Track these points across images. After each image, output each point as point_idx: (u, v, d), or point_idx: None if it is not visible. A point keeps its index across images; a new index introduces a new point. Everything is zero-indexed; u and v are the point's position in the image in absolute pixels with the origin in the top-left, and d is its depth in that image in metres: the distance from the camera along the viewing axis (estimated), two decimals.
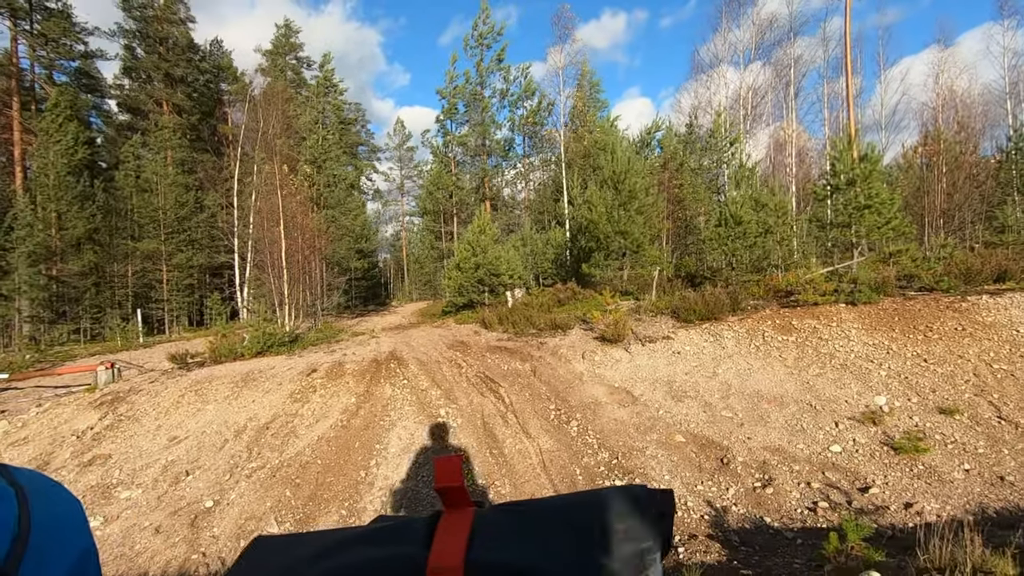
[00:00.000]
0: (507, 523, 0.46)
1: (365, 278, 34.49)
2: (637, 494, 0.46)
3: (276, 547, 0.48)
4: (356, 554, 0.45)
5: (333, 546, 0.46)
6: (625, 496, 0.46)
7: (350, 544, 0.46)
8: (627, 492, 0.47)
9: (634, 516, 0.44)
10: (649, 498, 0.46)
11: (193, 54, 32.51)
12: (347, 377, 7.98)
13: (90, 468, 6.39)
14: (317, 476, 5.84)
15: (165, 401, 7.71)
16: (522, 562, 0.42)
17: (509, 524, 0.45)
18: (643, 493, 0.47)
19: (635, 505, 0.45)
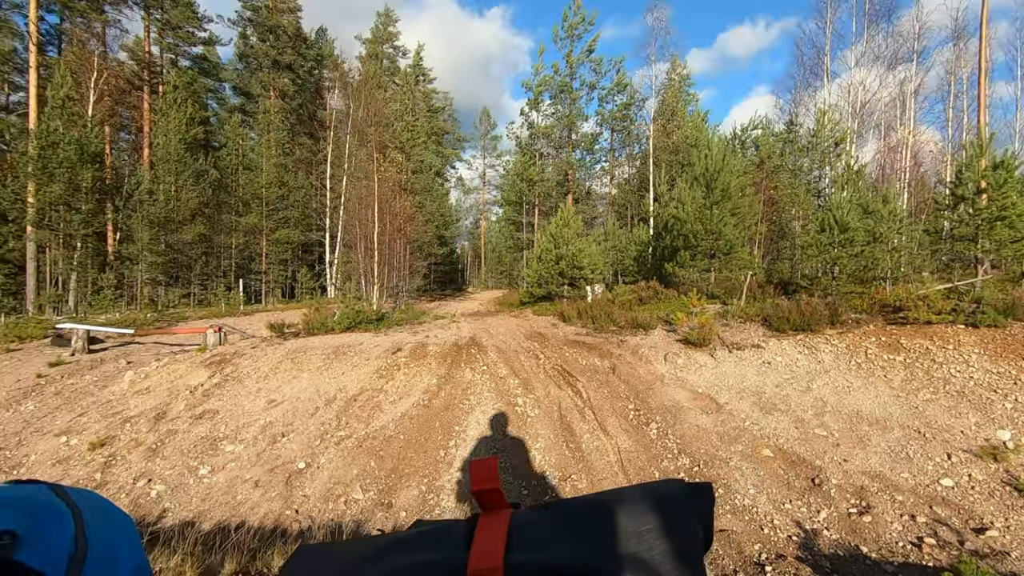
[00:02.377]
0: (545, 522, 0.45)
1: (444, 264, 35.43)
2: (676, 489, 0.45)
3: (320, 555, 0.49)
4: (398, 560, 0.45)
5: (375, 553, 0.46)
6: (665, 491, 0.45)
7: (392, 550, 0.46)
8: (666, 487, 0.46)
9: (675, 510, 0.43)
10: (689, 492, 0.45)
11: (300, 42, 34.42)
12: (429, 359, 8.24)
13: (200, 421, 7.02)
14: (399, 451, 6.09)
15: (264, 366, 8.31)
16: (562, 561, 0.41)
17: (547, 523, 0.45)
18: (682, 487, 0.45)
19: (675, 499, 0.44)
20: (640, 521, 0.43)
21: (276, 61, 32.96)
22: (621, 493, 0.47)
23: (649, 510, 0.44)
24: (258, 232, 26.66)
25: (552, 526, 0.45)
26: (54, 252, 22.98)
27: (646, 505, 0.44)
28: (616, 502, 0.45)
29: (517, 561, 0.42)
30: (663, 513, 0.43)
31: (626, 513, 0.44)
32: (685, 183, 13.07)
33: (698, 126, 21.65)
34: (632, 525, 0.43)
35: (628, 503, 0.45)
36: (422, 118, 35.47)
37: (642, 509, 0.44)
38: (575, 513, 0.45)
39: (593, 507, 0.46)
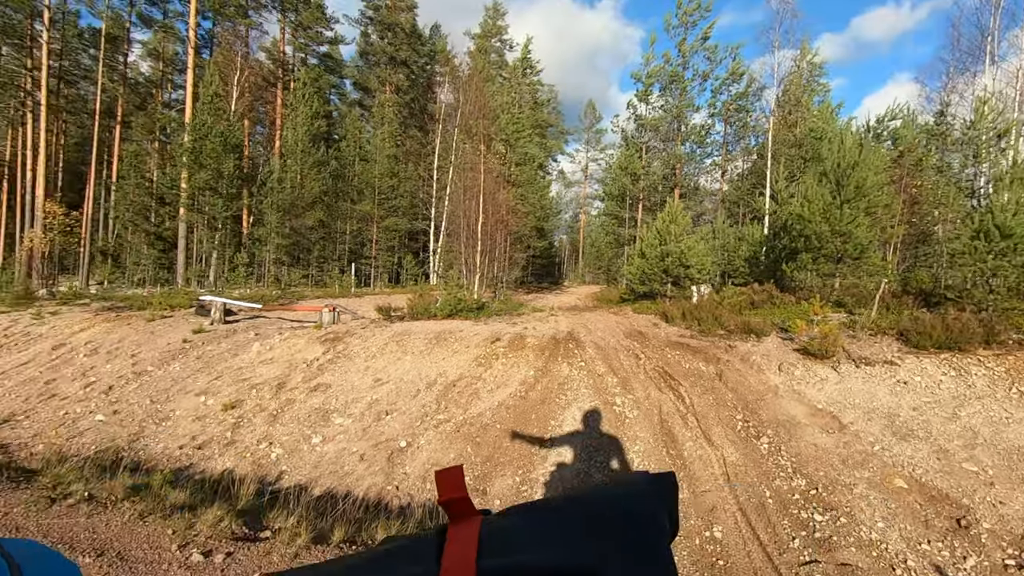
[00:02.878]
0: (516, 526, 0.45)
1: (542, 256, 35.56)
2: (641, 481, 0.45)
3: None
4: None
5: (341, 574, 0.44)
6: (630, 484, 0.45)
7: (360, 571, 0.44)
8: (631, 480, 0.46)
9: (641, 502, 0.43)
10: (654, 483, 0.45)
11: (415, 39, 35.91)
12: (527, 350, 8.25)
13: (315, 393, 7.55)
14: (495, 439, 6.14)
15: (372, 346, 8.77)
16: (535, 563, 0.41)
17: (518, 527, 0.44)
18: (647, 479, 0.45)
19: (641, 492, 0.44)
20: (608, 515, 0.43)
21: (392, 57, 34.67)
22: (588, 490, 0.47)
23: (617, 504, 0.44)
24: (370, 219, 28.30)
25: (522, 529, 0.44)
26: (200, 232, 25.99)
27: (613, 499, 0.44)
28: (584, 499, 0.45)
29: (489, 567, 0.41)
30: (630, 506, 0.44)
31: (594, 508, 0.44)
32: (812, 179, 11.93)
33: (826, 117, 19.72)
34: (601, 520, 0.43)
35: (596, 499, 0.45)
36: (527, 111, 35.68)
37: (610, 503, 0.44)
38: (544, 514, 0.45)
39: (561, 506, 0.45)
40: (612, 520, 0.44)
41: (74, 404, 8.31)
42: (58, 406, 8.33)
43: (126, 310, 13.42)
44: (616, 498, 0.45)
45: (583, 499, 0.46)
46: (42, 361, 10.36)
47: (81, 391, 8.73)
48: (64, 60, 30.55)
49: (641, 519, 0.44)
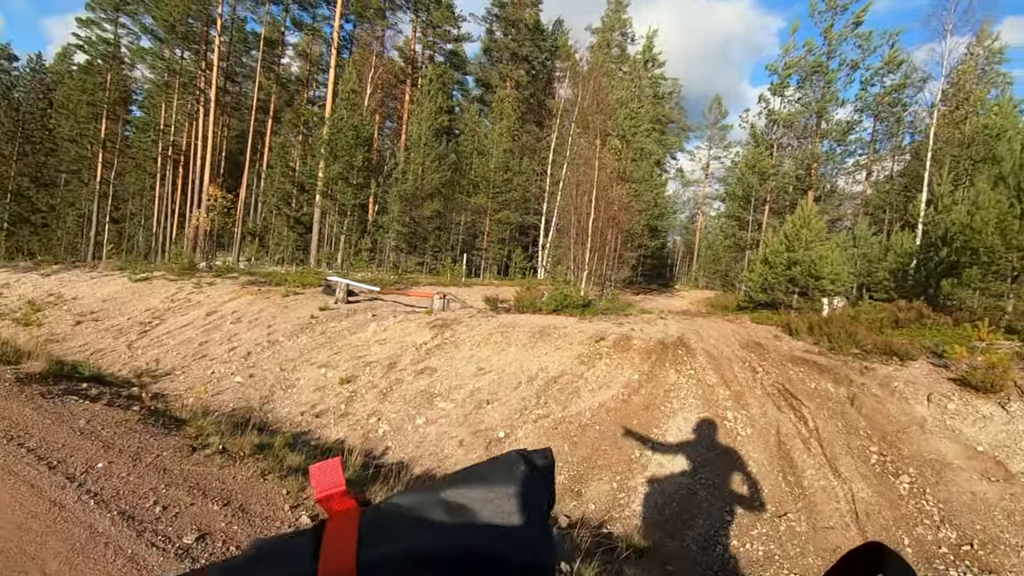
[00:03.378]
0: (396, 514, 0.44)
1: (653, 257, 34.33)
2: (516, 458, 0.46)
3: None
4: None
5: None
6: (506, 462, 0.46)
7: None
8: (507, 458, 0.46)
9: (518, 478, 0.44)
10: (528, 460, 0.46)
11: (537, 34, 36.18)
12: (632, 352, 7.95)
13: (421, 376, 7.86)
14: (594, 441, 5.97)
15: (478, 335, 8.95)
16: (414, 548, 0.41)
17: (398, 515, 0.44)
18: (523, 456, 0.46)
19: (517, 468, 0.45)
20: (486, 493, 0.43)
21: (515, 53, 35.20)
22: (465, 471, 0.46)
23: (494, 482, 0.44)
24: (483, 212, 29.06)
25: (404, 516, 0.44)
26: (331, 218, 28.31)
27: (490, 477, 0.45)
28: (460, 480, 0.45)
29: (370, 558, 0.40)
30: (507, 483, 0.44)
31: (471, 489, 0.44)
32: (985, 183, 10.19)
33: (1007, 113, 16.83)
34: (478, 498, 0.43)
35: (472, 479, 0.45)
36: (646, 105, 34.50)
37: (486, 482, 0.44)
38: (422, 499, 0.44)
39: (439, 489, 0.45)
40: (488, 498, 0.43)
41: (219, 365, 9.40)
42: (207, 365, 9.48)
43: (266, 285, 14.95)
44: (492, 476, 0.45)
45: (459, 480, 0.46)
46: (198, 325, 11.86)
47: (226, 354, 9.87)
48: (230, 62, 34.71)
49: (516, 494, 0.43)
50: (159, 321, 12.69)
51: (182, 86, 34.40)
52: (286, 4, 34.30)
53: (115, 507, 3.07)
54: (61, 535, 2.77)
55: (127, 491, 3.30)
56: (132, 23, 35.13)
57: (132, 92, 39.23)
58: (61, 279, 18.94)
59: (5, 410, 4.92)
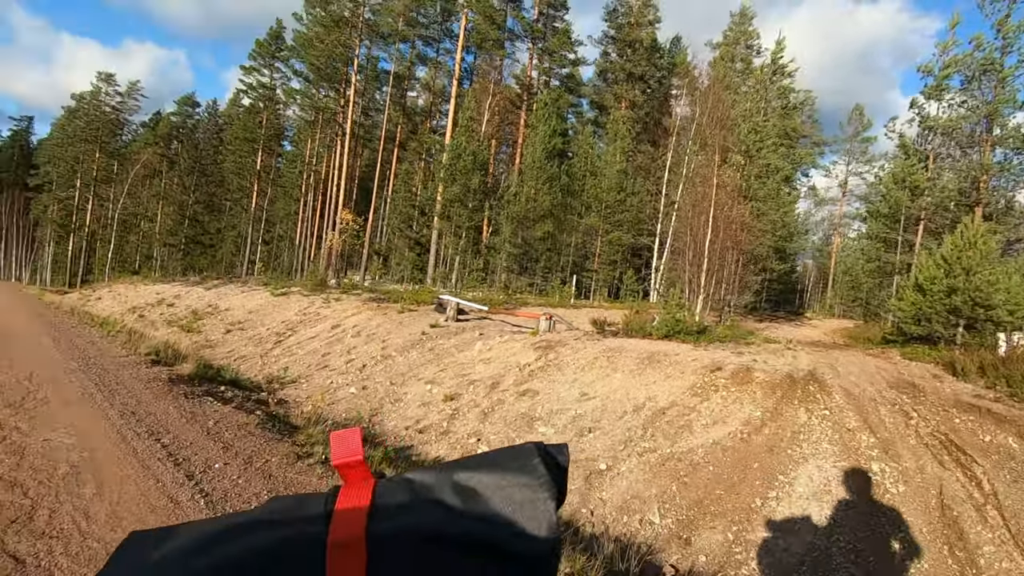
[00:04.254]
0: (409, 490, 0.44)
1: (779, 281, 31.65)
2: (532, 449, 0.46)
3: (153, 540, 0.44)
4: (248, 540, 0.42)
5: (219, 534, 0.43)
6: (520, 453, 0.46)
7: (240, 531, 0.43)
8: (522, 449, 0.46)
9: (531, 469, 0.44)
10: (543, 452, 0.46)
11: (654, 53, 35.51)
12: (754, 386, 7.17)
13: (523, 397, 7.72)
14: (706, 483, 5.39)
15: (582, 359, 8.65)
16: (425, 525, 0.41)
17: (412, 490, 0.44)
18: (539, 447, 0.46)
19: (531, 459, 0.45)
20: (498, 480, 0.43)
21: (630, 73, 34.79)
22: (480, 457, 0.47)
23: (506, 470, 0.44)
24: (594, 233, 28.72)
25: (418, 492, 0.44)
26: (447, 239, 29.61)
27: (503, 465, 0.45)
28: (474, 464, 0.45)
29: (380, 529, 0.41)
30: (519, 472, 0.44)
31: (484, 474, 0.44)
32: None
33: None
34: (490, 485, 0.43)
35: (486, 465, 0.45)
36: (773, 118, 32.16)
37: (500, 469, 0.44)
38: (436, 478, 0.45)
39: (453, 471, 0.45)
40: (500, 485, 0.43)
41: (338, 376, 10.02)
42: (327, 375, 10.14)
43: (385, 302, 15.85)
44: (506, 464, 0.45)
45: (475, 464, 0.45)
46: (323, 337, 12.81)
47: (344, 365, 10.50)
48: (365, 98, 38.08)
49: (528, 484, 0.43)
50: (292, 332, 13.92)
51: (324, 121, 38.34)
52: (413, 42, 36.99)
53: (220, 509, 3.23)
54: None
55: (234, 494, 3.47)
56: (285, 68, 39.99)
57: (284, 129, 44.50)
58: (219, 292, 21.63)
59: (153, 407, 5.53)
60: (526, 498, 0.43)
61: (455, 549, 0.41)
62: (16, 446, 4.11)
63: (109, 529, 2.91)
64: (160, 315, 19.61)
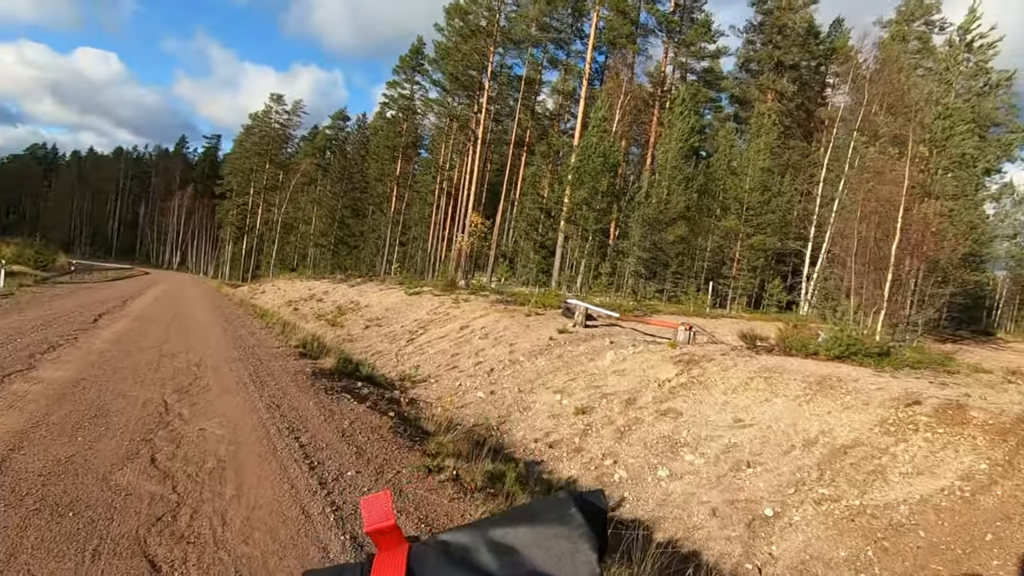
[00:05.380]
0: (445, 553, 0.43)
1: (965, 295, 26.71)
2: (569, 500, 0.45)
3: None
4: None
5: None
6: (556, 503, 0.45)
7: None
8: (559, 499, 0.45)
9: (570, 520, 0.43)
10: (582, 502, 0.45)
11: (809, 38, 31.97)
12: (971, 429, 5.65)
13: (664, 418, 6.88)
14: (917, 553, 4.21)
15: (734, 378, 7.57)
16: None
17: (447, 554, 0.43)
18: (575, 497, 0.45)
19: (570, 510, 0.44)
20: (535, 536, 0.42)
21: (779, 62, 31.65)
22: (515, 510, 0.46)
23: (544, 522, 0.43)
24: (733, 237, 26.44)
25: (453, 554, 0.43)
26: (573, 242, 29.07)
27: (540, 517, 0.44)
28: (510, 519, 0.45)
29: None
30: (558, 524, 0.43)
31: (520, 529, 0.43)
32: None
33: None
34: (528, 540, 0.42)
35: (522, 518, 0.44)
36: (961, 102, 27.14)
37: (536, 522, 0.43)
38: (470, 538, 0.43)
39: (488, 527, 0.44)
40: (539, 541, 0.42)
41: (466, 378, 9.89)
42: (455, 377, 10.07)
43: (512, 304, 15.70)
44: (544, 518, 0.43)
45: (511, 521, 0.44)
46: (452, 337, 12.90)
47: (472, 368, 10.38)
48: (496, 104, 38.93)
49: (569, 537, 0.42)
50: (423, 331, 14.25)
51: (458, 129, 39.86)
52: (544, 45, 37.04)
53: (347, 529, 2.94)
54: (298, 551, 2.68)
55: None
56: (424, 80, 42.25)
57: (421, 137, 47.12)
58: (360, 290, 23.16)
59: (296, 402, 5.61)
60: (565, 551, 0.41)
61: None
62: (176, 434, 4.27)
63: (241, 541, 2.73)
64: (310, 309, 21.44)
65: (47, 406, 4.60)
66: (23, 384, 5.22)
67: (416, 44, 41.38)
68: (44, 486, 3.03)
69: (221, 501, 3.15)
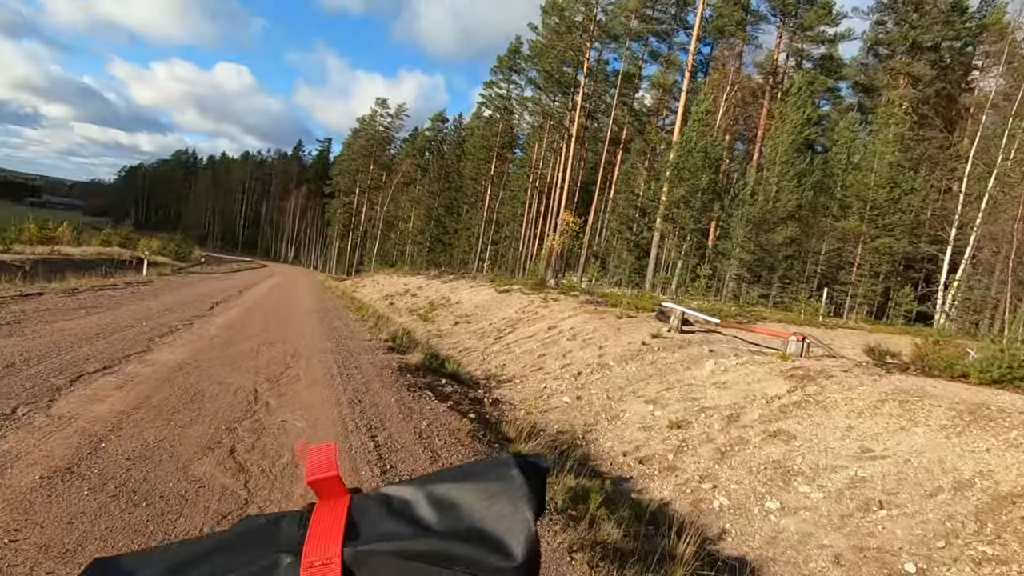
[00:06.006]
0: (387, 506, 0.43)
1: None
2: (510, 461, 0.45)
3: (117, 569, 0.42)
4: (217, 564, 0.41)
5: (188, 559, 0.41)
6: (498, 464, 0.45)
7: (209, 554, 0.42)
8: (502, 460, 0.46)
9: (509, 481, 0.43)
10: (522, 463, 0.45)
11: (956, 15, 28.12)
12: None
13: (774, 440, 6.07)
14: None
15: (860, 400, 6.55)
16: (403, 542, 0.40)
17: (389, 507, 0.43)
18: (517, 459, 0.46)
19: (510, 471, 0.44)
20: (477, 493, 0.43)
21: (915, 44, 28.15)
22: (457, 468, 0.46)
23: (486, 480, 0.44)
24: (853, 239, 23.84)
25: (394, 508, 0.43)
26: (669, 242, 27.70)
27: (482, 475, 0.44)
28: (455, 478, 0.45)
29: (356, 547, 0.40)
30: (498, 482, 0.43)
31: (463, 487, 0.43)
32: None
33: None
34: (470, 498, 0.43)
35: (465, 477, 0.45)
36: None
37: (479, 480, 0.44)
38: (413, 492, 0.44)
39: (430, 483, 0.44)
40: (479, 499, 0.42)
41: (552, 380, 9.52)
42: (541, 379, 9.72)
43: (602, 305, 15.09)
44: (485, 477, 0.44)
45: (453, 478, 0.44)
46: (539, 337, 12.58)
47: (558, 370, 9.98)
48: (591, 101, 38.13)
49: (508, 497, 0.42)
50: (511, 330, 14.07)
51: (551, 127, 39.54)
52: (645, 38, 35.69)
53: None
54: None
55: None
56: (520, 79, 42.34)
57: (516, 137, 47.37)
58: (452, 286, 23.55)
59: (378, 398, 5.53)
60: (505, 510, 0.42)
61: (433, 566, 0.40)
62: (259, 424, 4.28)
63: None
64: (404, 304, 22.11)
65: (152, 388, 4.83)
66: (137, 366, 5.57)
67: (514, 43, 41.58)
68: (128, 471, 3.05)
69: (288, 502, 3.02)
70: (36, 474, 2.83)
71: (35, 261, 17.72)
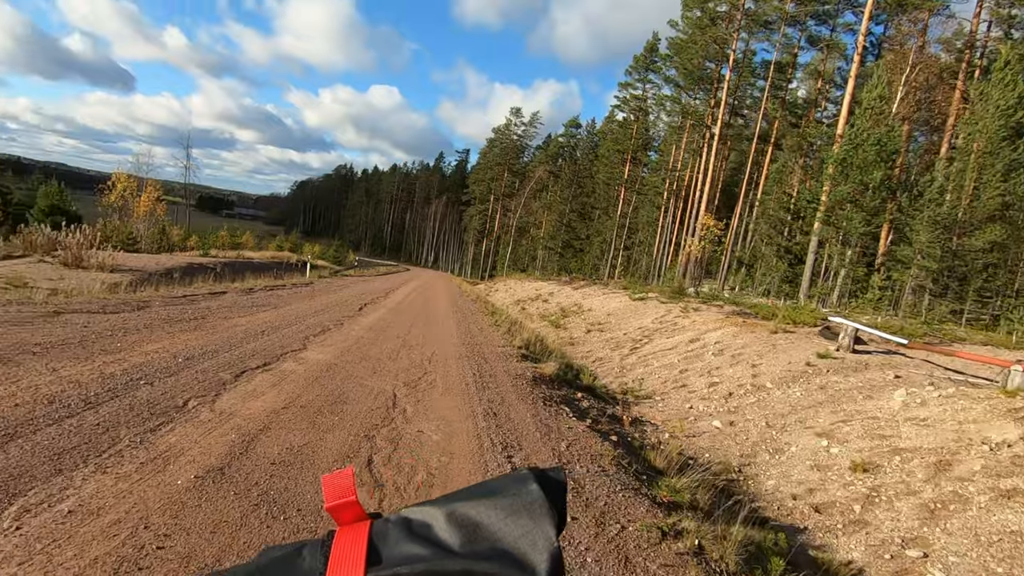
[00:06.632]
0: (407, 530, 0.43)
1: None
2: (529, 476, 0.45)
3: None
4: None
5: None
6: (516, 479, 0.45)
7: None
8: (519, 475, 0.45)
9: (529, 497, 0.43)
10: (541, 478, 0.45)
11: None
12: None
13: (1008, 502, 4.71)
14: None
15: None
16: (425, 563, 0.40)
17: (410, 531, 0.43)
18: (535, 473, 0.45)
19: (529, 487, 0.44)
20: (496, 510, 0.42)
21: None
22: (476, 486, 0.46)
23: (504, 496, 0.43)
24: None
25: (415, 531, 0.43)
26: (829, 248, 24.50)
27: (500, 492, 0.44)
28: (474, 496, 0.44)
29: (379, 573, 0.40)
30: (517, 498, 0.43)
31: (482, 504, 0.43)
32: None
33: None
34: (489, 515, 0.42)
35: (483, 494, 0.44)
36: None
37: (497, 496, 0.43)
38: (433, 513, 0.43)
39: (449, 503, 0.44)
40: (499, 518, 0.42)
41: (698, 400, 8.60)
42: (685, 397, 8.84)
43: (752, 317, 13.60)
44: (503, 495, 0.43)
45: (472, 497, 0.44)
46: (680, 351, 11.60)
47: (705, 389, 9.01)
48: (736, 96, 35.31)
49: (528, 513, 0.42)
50: (647, 340, 13.21)
51: (691, 126, 37.34)
52: (803, 22, 32.24)
53: None
54: None
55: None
56: (657, 78, 40.64)
57: (652, 139, 45.58)
58: (584, 292, 23.05)
59: (513, 412, 5.24)
60: (526, 527, 0.41)
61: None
62: (396, 433, 4.18)
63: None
64: (536, 309, 22.06)
65: (302, 387, 5.01)
66: (292, 364, 5.88)
67: (651, 41, 40.06)
68: (271, 478, 3.02)
69: None
70: (192, 472, 2.89)
71: (224, 264, 20.57)
